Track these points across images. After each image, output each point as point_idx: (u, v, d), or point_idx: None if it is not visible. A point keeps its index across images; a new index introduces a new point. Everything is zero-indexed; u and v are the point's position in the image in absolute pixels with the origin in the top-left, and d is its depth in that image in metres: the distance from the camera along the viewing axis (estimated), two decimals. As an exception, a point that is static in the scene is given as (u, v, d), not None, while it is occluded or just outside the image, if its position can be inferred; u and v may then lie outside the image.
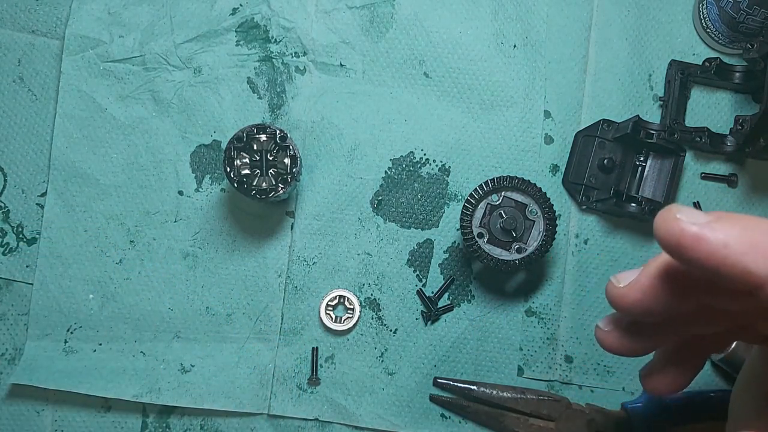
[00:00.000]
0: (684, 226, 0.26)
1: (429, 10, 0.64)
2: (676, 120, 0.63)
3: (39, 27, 0.65)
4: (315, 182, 0.64)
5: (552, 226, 0.58)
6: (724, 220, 0.26)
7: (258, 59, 0.64)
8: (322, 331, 0.63)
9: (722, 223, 0.25)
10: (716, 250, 0.25)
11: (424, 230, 0.64)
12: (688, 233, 0.26)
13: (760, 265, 0.24)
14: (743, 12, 0.59)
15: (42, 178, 0.64)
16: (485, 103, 0.64)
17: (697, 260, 0.26)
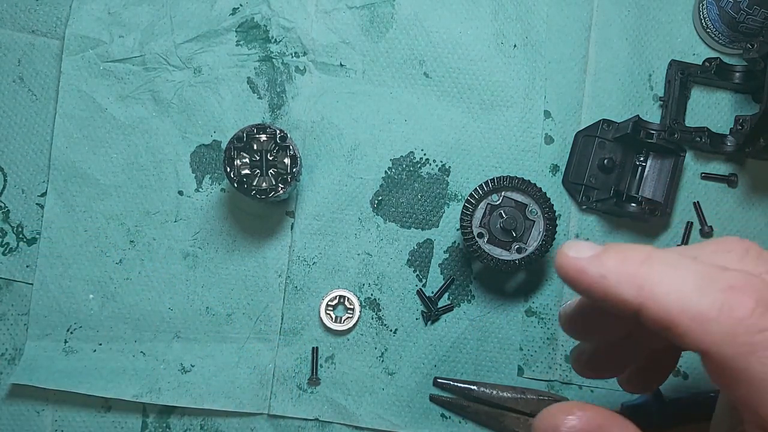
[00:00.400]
0: (570, 262, 0.29)
1: (429, 10, 0.64)
2: (676, 120, 0.62)
3: (39, 27, 0.65)
4: (315, 182, 0.64)
5: (552, 226, 0.58)
6: (605, 253, 0.29)
7: (258, 59, 0.64)
8: (322, 331, 0.63)
9: (602, 257, 0.29)
10: (596, 282, 0.29)
11: (424, 230, 0.64)
12: (573, 268, 0.29)
13: (632, 293, 0.28)
14: (743, 12, 0.59)
15: (42, 178, 0.64)
16: (485, 103, 0.64)
17: (585, 291, 0.29)
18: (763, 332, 0.26)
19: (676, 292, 0.27)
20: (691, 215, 0.64)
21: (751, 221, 0.64)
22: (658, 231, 0.64)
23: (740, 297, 0.26)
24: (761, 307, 0.26)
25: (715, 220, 0.64)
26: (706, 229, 0.64)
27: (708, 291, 0.27)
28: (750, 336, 0.26)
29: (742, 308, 0.26)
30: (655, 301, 0.27)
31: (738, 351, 0.26)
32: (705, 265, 0.28)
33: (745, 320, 0.26)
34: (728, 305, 0.26)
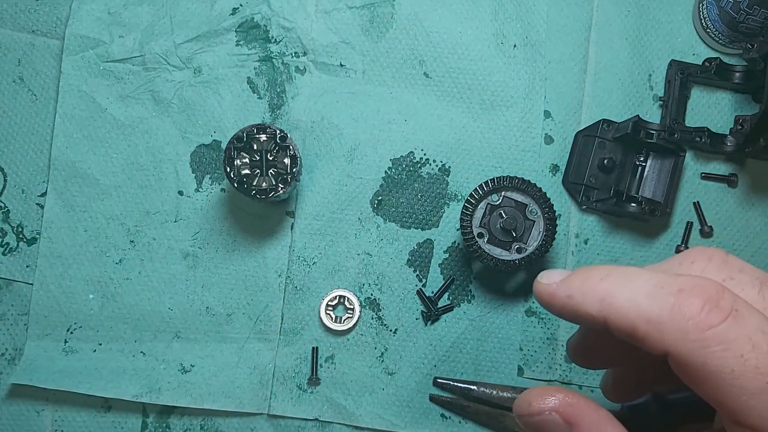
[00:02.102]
0: (543, 288, 0.32)
1: (429, 10, 0.64)
2: (676, 120, 0.62)
3: (39, 27, 0.65)
4: (315, 182, 0.64)
5: (552, 226, 0.58)
6: (571, 276, 0.32)
7: (258, 59, 0.64)
8: (322, 331, 0.63)
9: (568, 279, 0.32)
10: (565, 302, 0.32)
11: (424, 230, 0.64)
12: (546, 293, 0.32)
13: (596, 307, 0.30)
14: (743, 12, 0.59)
15: (42, 178, 0.64)
16: (485, 103, 0.64)
17: (558, 313, 0.32)
18: (712, 328, 0.28)
19: (632, 301, 0.29)
20: (691, 215, 0.64)
21: (751, 221, 0.64)
22: (658, 231, 0.64)
23: (689, 298, 0.28)
24: (709, 306, 0.28)
25: (715, 220, 0.64)
26: (706, 229, 0.64)
27: (660, 296, 0.29)
28: (700, 333, 0.28)
29: (691, 308, 0.28)
30: (616, 312, 0.30)
31: (692, 348, 0.28)
32: (659, 274, 0.30)
33: (694, 319, 0.28)
34: (678, 307, 0.28)
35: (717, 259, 0.31)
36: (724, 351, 0.27)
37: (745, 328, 0.28)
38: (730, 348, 0.27)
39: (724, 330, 0.27)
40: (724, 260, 0.31)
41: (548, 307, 0.33)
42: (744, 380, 0.27)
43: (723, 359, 0.27)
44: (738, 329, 0.27)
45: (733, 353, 0.27)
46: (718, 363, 0.27)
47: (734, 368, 0.27)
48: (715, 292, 0.28)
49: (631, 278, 0.30)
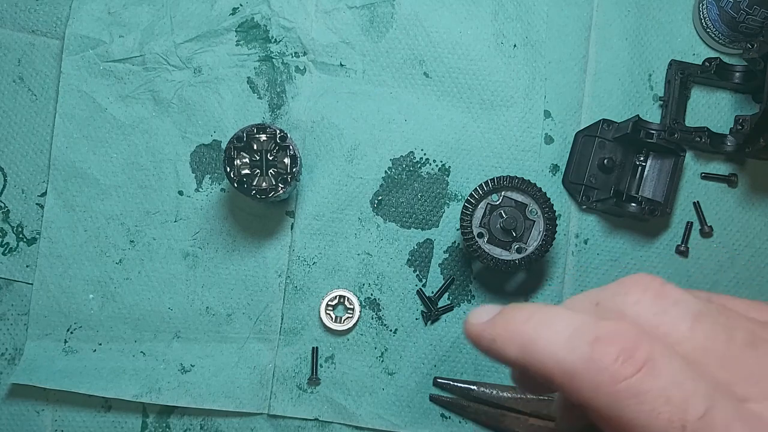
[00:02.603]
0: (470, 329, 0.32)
1: (429, 10, 0.64)
2: (676, 120, 0.62)
3: (39, 27, 0.65)
4: (315, 182, 0.64)
5: (552, 226, 0.58)
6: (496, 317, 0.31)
7: (258, 59, 0.64)
8: (322, 331, 0.63)
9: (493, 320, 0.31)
10: (489, 345, 0.31)
11: (424, 230, 0.64)
12: (472, 334, 0.32)
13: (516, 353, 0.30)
14: (743, 12, 0.59)
15: (42, 178, 0.64)
16: (485, 103, 0.64)
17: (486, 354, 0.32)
18: (626, 380, 0.27)
19: (550, 349, 0.29)
20: (691, 215, 0.64)
21: (751, 221, 0.64)
22: (658, 231, 0.64)
23: (604, 348, 0.27)
24: (624, 356, 0.27)
25: (715, 220, 0.64)
26: (705, 229, 0.64)
27: (577, 345, 0.28)
28: (613, 385, 0.27)
29: (605, 359, 0.27)
30: (534, 359, 0.29)
31: (606, 401, 0.27)
32: (582, 318, 0.29)
33: (607, 370, 0.27)
34: (593, 357, 0.27)
35: (652, 292, 0.30)
36: (638, 404, 0.27)
37: (658, 380, 0.27)
38: (644, 401, 0.26)
39: (637, 382, 0.27)
40: (659, 292, 0.30)
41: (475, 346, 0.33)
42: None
43: (637, 413, 0.27)
44: (651, 382, 0.27)
45: (646, 407, 0.26)
46: (632, 417, 0.27)
47: (648, 423, 0.26)
48: (632, 341, 0.27)
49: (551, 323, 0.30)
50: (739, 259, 0.64)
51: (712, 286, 0.64)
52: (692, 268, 0.64)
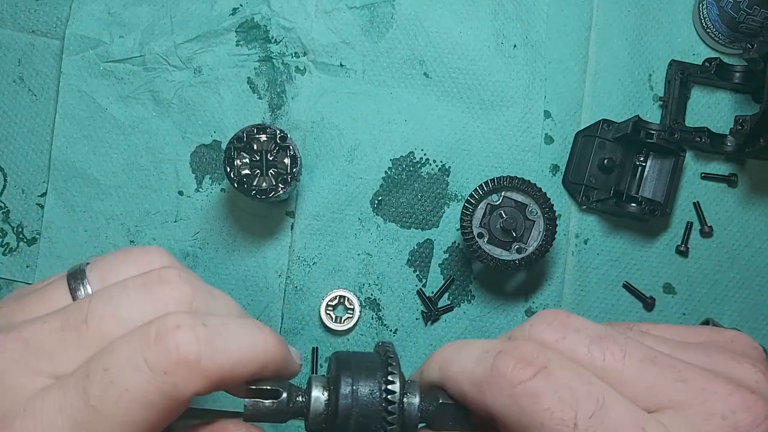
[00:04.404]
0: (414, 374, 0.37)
1: (429, 10, 0.64)
2: (676, 120, 0.62)
3: (39, 27, 0.65)
4: (315, 182, 0.64)
5: (552, 226, 0.58)
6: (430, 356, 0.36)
7: (258, 59, 0.64)
8: (322, 331, 0.63)
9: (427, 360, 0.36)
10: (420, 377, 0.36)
11: (424, 230, 0.64)
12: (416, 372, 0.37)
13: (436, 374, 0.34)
14: (743, 12, 0.59)
15: (42, 178, 0.64)
16: (485, 103, 0.64)
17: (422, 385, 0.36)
18: (522, 383, 0.29)
19: (462, 366, 0.32)
20: (691, 215, 0.64)
21: (751, 221, 0.64)
22: (658, 231, 0.64)
23: (505, 358, 0.30)
24: (521, 364, 0.30)
25: (715, 220, 0.64)
26: (706, 229, 0.64)
27: (483, 359, 0.31)
28: (511, 388, 0.29)
29: (504, 366, 0.30)
30: (449, 377, 0.33)
31: (507, 404, 0.30)
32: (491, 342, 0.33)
33: (507, 376, 0.30)
34: (495, 367, 0.30)
35: (557, 323, 0.32)
36: (534, 405, 0.29)
37: (553, 383, 0.29)
38: (539, 402, 0.29)
39: (533, 385, 0.29)
40: (563, 322, 0.32)
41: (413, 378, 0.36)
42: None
43: (532, 413, 0.29)
44: (546, 384, 0.29)
45: (541, 406, 0.29)
46: (529, 417, 0.29)
47: (543, 421, 0.29)
48: (530, 352, 0.30)
49: (466, 347, 0.33)
50: (739, 259, 0.64)
51: (712, 286, 0.64)
52: (692, 268, 0.64)
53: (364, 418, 0.33)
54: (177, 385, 0.29)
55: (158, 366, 0.28)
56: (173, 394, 0.29)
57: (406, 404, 0.34)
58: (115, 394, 0.28)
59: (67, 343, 0.30)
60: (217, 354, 0.30)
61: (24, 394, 0.29)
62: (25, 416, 0.28)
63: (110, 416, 0.28)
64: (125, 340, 0.29)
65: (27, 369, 0.29)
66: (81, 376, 0.29)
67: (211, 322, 0.30)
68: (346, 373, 0.33)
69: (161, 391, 0.28)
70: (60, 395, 0.28)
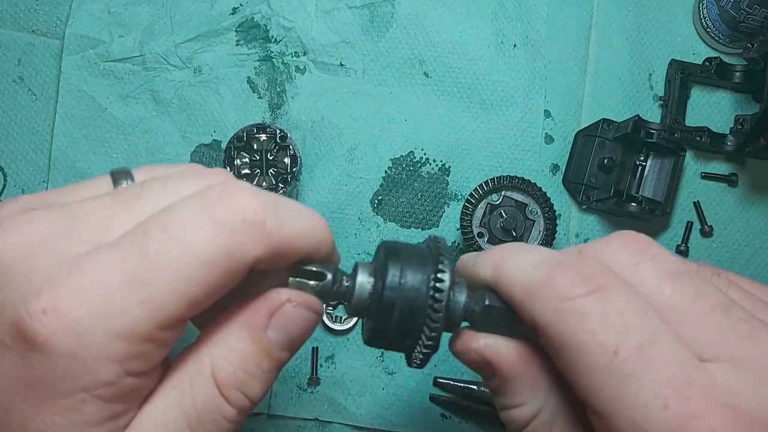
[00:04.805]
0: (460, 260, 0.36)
1: (429, 9, 0.64)
2: (676, 120, 0.63)
3: (39, 27, 0.65)
4: (315, 182, 0.64)
5: (552, 226, 0.58)
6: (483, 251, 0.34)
7: (258, 59, 0.64)
8: (322, 331, 0.63)
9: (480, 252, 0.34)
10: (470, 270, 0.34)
11: (424, 230, 0.64)
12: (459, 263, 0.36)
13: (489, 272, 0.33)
14: (743, 11, 0.59)
15: (42, 178, 0.64)
16: (485, 103, 0.64)
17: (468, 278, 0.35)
18: (572, 300, 0.27)
19: (517, 269, 0.31)
20: (691, 215, 0.64)
21: (751, 221, 0.64)
22: (658, 231, 0.64)
23: (562, 271, 0.28)
24: (577, 279, 0.28)
25: (715, 220, 0.64)
26: (706, 228, 0.63)
27: (541, 267, 0.29)
28: (559, 302, 0.28)
29: (560, 278, 0.28)
30: (502, 277, 0.31)
31: (552, 317, 0.28)
32: (554, 251, 0.31)
33: (559, 288, 0.28)
34: (550, 277, 0.28)
35: (635, 246, 0.30)
36: (578, 324, 0.27)
37: (604, 305, 0.27)
38: (584, 321, 0.27)
39: (582, 303, 0.27)
40: (641, 247, 0.30)
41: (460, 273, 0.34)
42: (591, 356, 0.27)
43: (574, 332, 0.27)
44: (596, 305, 0.27)
45: (585, 327, 0.27)
46: (570, 336, 0.27)
47: (583, 342, 0.27)
48: (591, 269, 0.28)
49: (526, 250, 0.31)
50: (739, 259, 0.64)
51: (713, 285, 0.64)
52: (692, 267, 0.64)
53: (408, 310, 0.32)
54: (243, 244, 0.27)
55: (225, 222, 0.27)
56: (237, 255, 0.27)
57: (452, 301, 0.33)
58: (176, 249, 0.26)
59: (118, 215, 0.28)
60: (281, 221, 0.29)
61: (70, 257, 0.27)
62: (71, 274, 0.26)
63: (170, 271, 0.26)
64: (186, 200, 0.28)
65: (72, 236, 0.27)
66: (137, 234, 0.27)
67: (272, 195, 0.30)
68: (395, 262, 0.32)
69: (225, 249, 0.27)
70: (112, 253, 0.27)
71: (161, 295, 0.26)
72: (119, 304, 0.26)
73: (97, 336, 0.26)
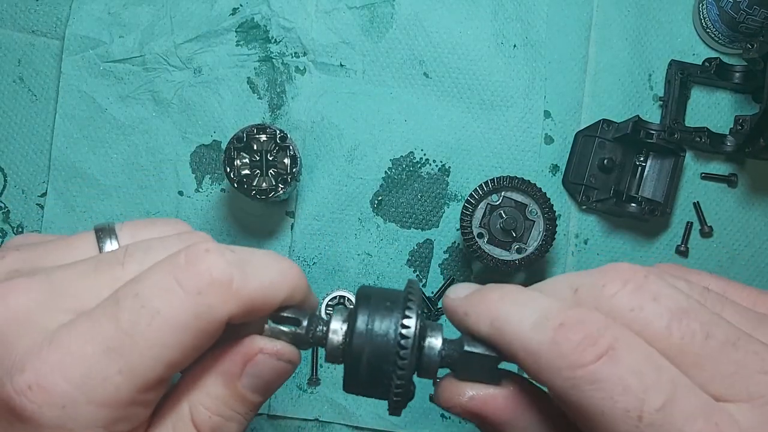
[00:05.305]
0: (447, 303, 0.33)
1: (429, 10, 0.64)
2: (676, 120, 0.63)
3: (39, 27, 0.65)
4: (315, 182, 0.64)
5: (552, 226, 0.58)
6: (472, 294, 0.32)
7: (258, 59, 0.64)
8: (322, 331, 0.63)
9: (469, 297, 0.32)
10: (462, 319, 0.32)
11: (424, 230, 0.64)
12: (449, 308, 0.33)
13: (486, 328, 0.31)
14: (743, 12, 0.59)
15: (42, 178, 0.64)
16: (485, 103, 0.64)
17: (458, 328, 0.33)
18: (584, 367, 0.26)
19: (517, 328, 0.29)
20: (691, 215, 0.64)
21: (751, 221, 0.64)
22: (658, 231, 0.64)
23: (568, 334, 0.27)
24: (586, 343, 0.27)
25: (715, 220, 0.64)
26: (706, 229, 0.64)
27: (542, 328, 0.28)
28: (572, 371, 0.27)
29: (567, 344, 0.27)
30: (501, 336, 0.30)
31: (565, 385, 0.27)
32: (552, 302, 0.29)
33: (568, 356, 0.27)
34: (556, 342, 0.27)
35: (632, 285, 0.29)
36: (595, 391, 0.26)
37: (618, 368, 0.26)
38: (601, 389, 0.26)
39: (596, 370, 0.26)
40: (640, 286, 0.29)
41: (450, 320, 0.33)
42: (615, 422, 0.26)
43: (593, 399, 0.26)
44: (611, 369, 0.26)
45: (603, 394, 0.26)
46: (590, 403, 0.26)
47: (604, 410, 0.26)
48: (596, 329, 0.27)
49: (522, 304, 0.30)
50: (739, 259, 0.64)
51: (712, 286, 0.64)
52: (692, 268, 0.64)
53: (376, 357, 0.31)
54: (211, 305, 0.28)
55: (191, 286, 0.28)
56: (207, 316, 0.28)
57: (426, 347, 0.32)
58: (148, 317, 0.27)
59: (99, 283, 0.29)
60: (248, 276, 0.29)
61: (49, 329, 0.28)
62: (51, 348, 0.27)
63: (143, 340, 0.27)
64: (156, 267, 0.29)
65: (53, 307, 0.28)
66: (110, 304, 0.28)
67: (238, 250, 0.30)
68: (364, 308, 0.32)
69: (195, 313, 0.28)
70: (88, 325, 0.28)
71: (139, 362, 0.27)
72: (99, 374, 0.27)
73: (81, 407, 0.27)
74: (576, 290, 0.30)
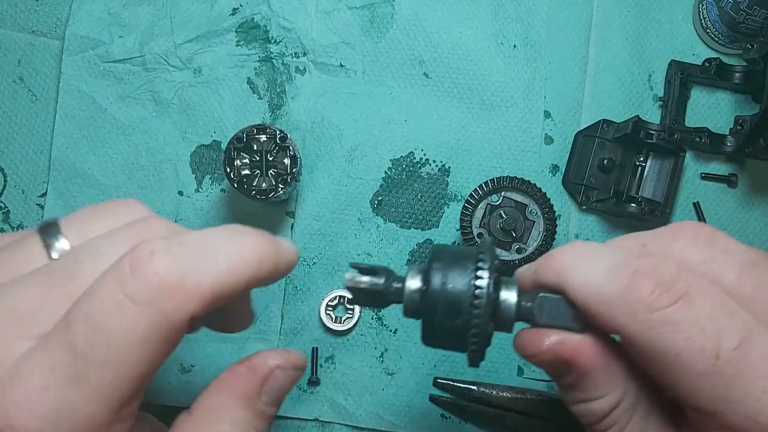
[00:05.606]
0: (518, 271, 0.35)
1: (429, 10, 0.64)
2: (676, 120, 0.63)
3: (39, 27, 0.65)
4: (315, 182, 0.64)
5: (552, 226, 0.58)
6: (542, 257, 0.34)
7: (258, 59, 0.64)
8: (322, 331, 0.63)
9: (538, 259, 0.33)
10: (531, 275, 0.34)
11: (424, 230, 0.64)
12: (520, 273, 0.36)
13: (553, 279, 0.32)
14: (743, 12, 0.59)
15: (42, 178, 0.64)
16: (485, 103, 0.64)
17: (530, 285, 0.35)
18: (660, 311, 0.28)
19: (587, 278, 0.30)
20: (691, 215, 0.64)
21: (751, 221, 0.64)
22: (658, 231, 0.64)
23: (642, 280, 0.28)
24: (660, 289, 0.28)
25: (715, 220, 0.64)
26: (706, 229, 0.63)
27: (615, 276, 0.29)
28: (648, 314, 0.28)
29: (642, 290, 0.28)
30: (571, 286, 0.31)
31: (640, 329, 0.28)
32: (623, 254, 0.30)
33: (644, 301, 0.28)
34: (630, 288, 0.28)
35: (702, 239, 0.30)
36: (672, 333, 0.27)
37: (694, 311, 0.27)
38: (678, 330, 0.27)
39: (672, 313, 0.27)
40: (710, 240, 0.30)
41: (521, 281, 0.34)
42: (691, 362, 0.27)
43: (670, 341, 0.27)
44: (687, 312, 0.27)
45: (681, 335, 0.27)
46: (665, 345, 0.28)
47: (681, 350, 0.27)
48: (670, 276, 0.28)
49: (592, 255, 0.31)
50: (739, 259, 0.64)
51: (712, 286, 0.64)
52: (692, 268, 0.64)
53: (450, 312, 0.32)
54: (167, 312, 0.27)
55: (141, 298, 0.26)
56: (166, 324, 0.27)
57: (501, 301, 0.33)
58: (103, 339, 0.26)
59: (55, 302, 0.28)
60: (201, 270, 0.28)
61: (8, 362, 0.26)
62: (14, 385, 0.26)
63: (105, 363, 0.26)
64: (100, 282, 0.27)
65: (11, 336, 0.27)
66: (62, 329, 0.27)
67: (187, 239, 0.28)
68: (438, 264, 0.33)
69: (152, 324, 0.27)
70: (45, 356, 0.26)
71: (105, 385, 0.26)
72: (68, 406, 0.26)
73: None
74: (644, 245, 0.31)
